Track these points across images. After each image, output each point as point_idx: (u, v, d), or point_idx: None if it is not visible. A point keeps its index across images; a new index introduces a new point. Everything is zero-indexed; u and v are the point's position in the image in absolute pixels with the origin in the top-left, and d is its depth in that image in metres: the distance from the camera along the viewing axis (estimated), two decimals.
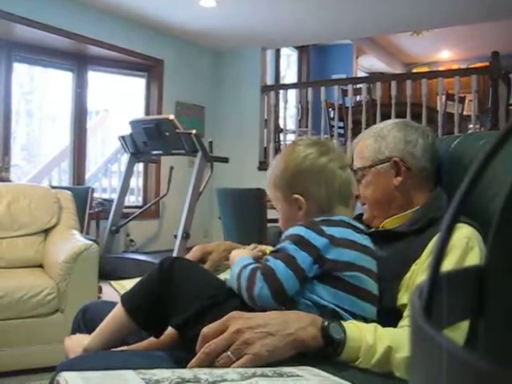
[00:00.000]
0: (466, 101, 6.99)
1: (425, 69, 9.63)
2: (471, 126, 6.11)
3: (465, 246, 1.15)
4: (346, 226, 1.18)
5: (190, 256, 1.44)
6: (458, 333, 0.38)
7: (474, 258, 1.14)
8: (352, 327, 1.04)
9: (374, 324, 1.06)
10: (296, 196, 1.23)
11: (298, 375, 0.90)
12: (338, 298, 1.10)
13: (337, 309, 1.10)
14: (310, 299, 1.10)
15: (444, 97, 6.20)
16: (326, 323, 1.01)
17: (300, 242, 1.12)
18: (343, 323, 1.04)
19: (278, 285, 1.08)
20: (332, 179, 1.21)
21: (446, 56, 10.22)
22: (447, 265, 0.30)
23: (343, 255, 1.12)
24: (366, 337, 1.02)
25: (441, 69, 8.91)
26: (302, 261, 1.09)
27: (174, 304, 1.14)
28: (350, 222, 1.21)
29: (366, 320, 1.12)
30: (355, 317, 1.11)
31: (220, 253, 1.43)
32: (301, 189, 1.23)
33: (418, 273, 1.17)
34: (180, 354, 1.10)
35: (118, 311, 1.20)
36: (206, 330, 1.01)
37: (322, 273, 1.10)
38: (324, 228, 1.14)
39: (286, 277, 1.08)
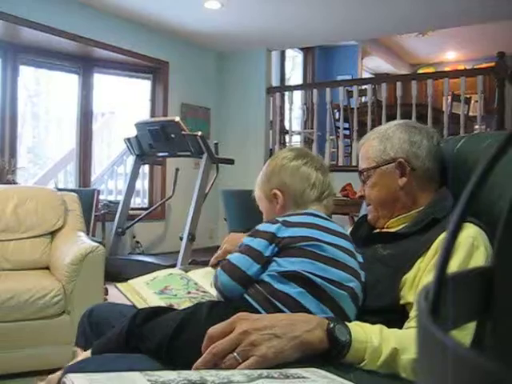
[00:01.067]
0: (472, 101, 6.98)
1: (430, 69, 9.62)
2: (477, 126, 6.10)
3: (470, 246, 1.15)
4: (310, 215, 1.25)
5: (217, 256, 1.44)
6: (465, 334, 0.37)
7: (480, 258, 1.14)
8: (357, 329, 1.03)
9: (379, 326, 1.06)
10: (274, 191, 1.33)
11: (304, 377, 0.90)
12: (301, 264, 1.14)
13: (300, 271, 1.13)
14: (272, 271, 1.15)
15: (450, 97, 6.19)
16: (332, 325, 1.01)
17: (254, 232, 1.23)
18: (348, 325, 1.04)
19: (233, 268, 1.18)
20: (307, 176, 1.31)
21: (451, 57, 10.20)
22: (452, 264, 0.30)
23: (299, 232, 1.19)
24: (372, 338, 1.02)
25: (446, 69, 8.89)
26: (257, 245, 1.19)
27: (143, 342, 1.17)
28: (317, 213, 1.27)
29: (342, 286, 1.15)
30: (329, 281, 1.13)
31: None
32: (278, 183, 1.34)
33: (424, 271, 1.17)
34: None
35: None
36: (212, 330, 1.01)
37: (281, 248, 1.17)
38: (278, 218, 1.23)
39: (238, 260, 1.19)
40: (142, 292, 1.44)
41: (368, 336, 1.02)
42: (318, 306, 1.11)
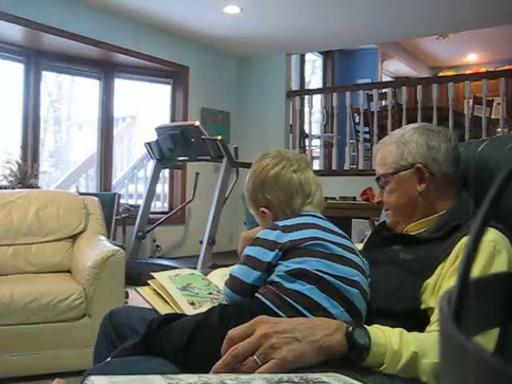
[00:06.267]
0: (494, 104, 6.89)
1: (451, 72, 9.53)
2: (499, 129, 6.03)
3: (492, 251, 1.13)
4: (307, 216, 1.26)
5: (239, 247, 1.44)
6: (489, 339, 0.37)
7: (502, 263, 1.13)
8: (377, 332, 1.03)
9: (399, 329, 1.05)
10: (261, 209, 1.33)
11: (323, 381, 0.89)
12: (308, 263, 1.14)
13: (305, 267, 1.13)
14: (280, 271, 1.15)
15: (471, 100, 6.13)
16: (351, 328, 1.01)
17: (254, 241, 1.23)
18: (368, 328, 1.03)
19: (234, 280, 1.21)
20: (287, 184, 1.30)
21: (472, 59, 10.11)
22: (474, 270, 0.30)
23: (300, 234, 1.19)
24: (392, 342, 1.01)
25: (468, 72, 8.81)
26: (256, 253, 1.20)
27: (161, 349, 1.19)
28: (314, 213, 1.28)
29: (350, 281, 1.15)
30: (337, 278, 1.14)
31: None
32: (263, 201, 1.33)
33: (445, 277, 1.16)
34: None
35: None
36: (232, 332, 1.01)
37: (284, 252, 1.17)
38: (278, 223, 1.23)
39: (239, 271, 1.21)
40: (166, 285, 1.45)
41: (388, 339, 1.01)
42: (328, 301, 1.12)
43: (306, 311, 1.11)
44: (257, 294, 1.16)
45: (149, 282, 1.52)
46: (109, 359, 1.27)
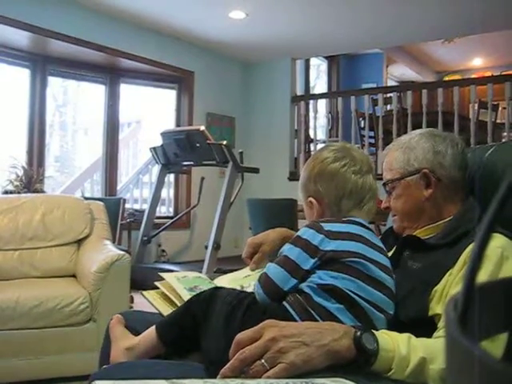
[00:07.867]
0: (500, 108, 6.88)
1: (456, 76, 9.52)
2: (505, 134, 6.01)
3: (499, 256, 1.12)
4: (353, 223, 1.22)
5: (244, 253, 1.43)
6: (497, 345, 0.37)
7: (510, 268, 1.12)
8: (385, 337, 1.02)
9: (407, 334, 1.05)
10: (310, 199, 1.30)
11: None
12: (343, 281, 1.12)
13: (340, 287, 1.11)
14: (312, 282, 1.13)
15: (477, 105, 6.11)
16: (359, 333, 1.00)
17: (296, 240, 1.19)
18: (376, 333, 1.02)
19: (269, 283, 1.16)
20: (343, 183, 1.25)
21: (478, 63, 10.09)
22: (481, 276, 0.30)
23: (343, 245, 1.15)
24: (400, 347, 1.00)
25: (473, 76, 8.80)
26: (296, 256, 1.16)
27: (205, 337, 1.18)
28: (360, 221, 1.24)
29: (379, 309, 1.13)
30: (368, 302, 1.12)
31: (269, 243, 1.42)
32: (314, 192, 1.29)
33: (452, 284, 1.15)
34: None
35: (151, 334, 1.27)
36: (240, 336, 1.00)
37: (323, 262, 1.14)
38: (323, 224, 1.19)
39: (275, 274, 1.17)
40: (174, 285, 1.45)
41: (395, 345, 1.01)
42: (353, 322, 1.10)
43: None
44: (284, 303, 1.14)
45: (156, 283, 1.52)
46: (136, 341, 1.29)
